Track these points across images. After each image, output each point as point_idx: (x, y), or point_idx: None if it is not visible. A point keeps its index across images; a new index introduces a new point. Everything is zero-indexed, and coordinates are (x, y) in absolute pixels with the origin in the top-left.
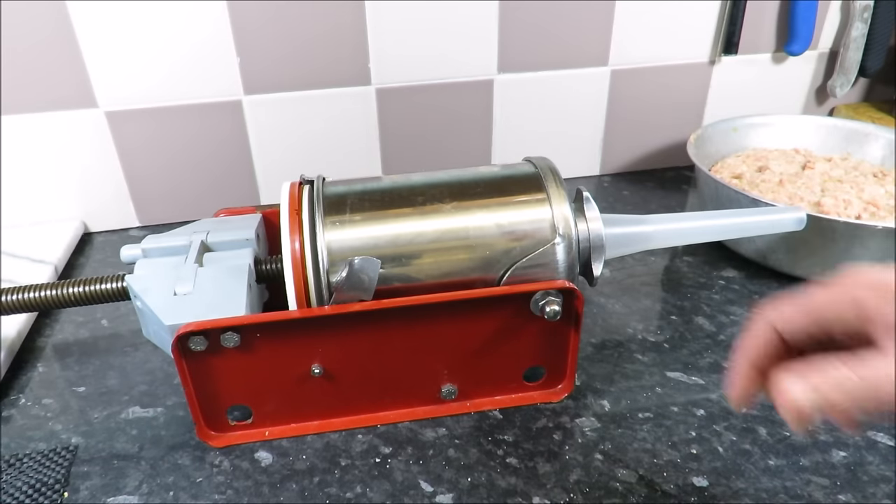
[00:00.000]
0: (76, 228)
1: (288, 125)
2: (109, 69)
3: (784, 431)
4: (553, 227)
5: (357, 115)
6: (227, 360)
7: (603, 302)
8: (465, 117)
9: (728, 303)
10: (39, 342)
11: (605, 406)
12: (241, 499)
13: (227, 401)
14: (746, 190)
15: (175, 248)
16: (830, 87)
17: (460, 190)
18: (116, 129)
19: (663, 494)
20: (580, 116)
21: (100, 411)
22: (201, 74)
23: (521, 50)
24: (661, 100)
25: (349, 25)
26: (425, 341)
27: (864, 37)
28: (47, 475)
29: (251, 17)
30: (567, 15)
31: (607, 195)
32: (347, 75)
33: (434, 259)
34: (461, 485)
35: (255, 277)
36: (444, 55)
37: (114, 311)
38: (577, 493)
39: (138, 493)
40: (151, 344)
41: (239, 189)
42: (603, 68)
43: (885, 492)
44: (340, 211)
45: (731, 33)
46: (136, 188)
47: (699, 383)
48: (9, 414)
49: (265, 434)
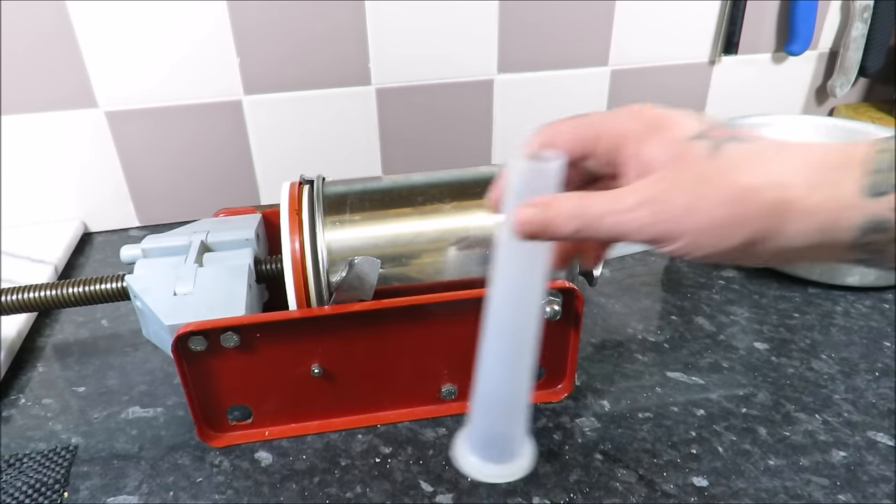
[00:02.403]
0: (76, 228)
1: (288, 125)
2: (109, 69)
3: (784, 432)
4: None
5: (357, 115)
6: (226, 361)
7: (603, 302)
8: (465, 117)
9: (728, 303)
10: (39, 342)
11: (605, 406)
12: (241, 499)
13: (226, 401)
14: None
15: (175, 248)
16: (830, 87)
17: (460, 190)
18: (116, 129)
19: (663, 494)
20: None
21: (100, 411)
22: (201, 74)
23: (521, 50)
24: (661, 100)
25: (349, 25)
26: (425, 341)
27: (864, 37)
28: (47, 475)
29: (251, 17)
30: (567, 15)
31: None
32: (347, 75)
33: (434, 259)
34: (461, 485)
35: (255, 277)
36: (444, 55)
37: (114, 311)
38: (577, 493)
39: (138, 493)
40: (151, 344)
41: (239, 189)
42: (603, 68)
43: (885, 492)
44: (340, 211)
45: (731, 33)
46: (136, 188)
47: (699, 383)
48: (9, 414)
49: (265, 434)
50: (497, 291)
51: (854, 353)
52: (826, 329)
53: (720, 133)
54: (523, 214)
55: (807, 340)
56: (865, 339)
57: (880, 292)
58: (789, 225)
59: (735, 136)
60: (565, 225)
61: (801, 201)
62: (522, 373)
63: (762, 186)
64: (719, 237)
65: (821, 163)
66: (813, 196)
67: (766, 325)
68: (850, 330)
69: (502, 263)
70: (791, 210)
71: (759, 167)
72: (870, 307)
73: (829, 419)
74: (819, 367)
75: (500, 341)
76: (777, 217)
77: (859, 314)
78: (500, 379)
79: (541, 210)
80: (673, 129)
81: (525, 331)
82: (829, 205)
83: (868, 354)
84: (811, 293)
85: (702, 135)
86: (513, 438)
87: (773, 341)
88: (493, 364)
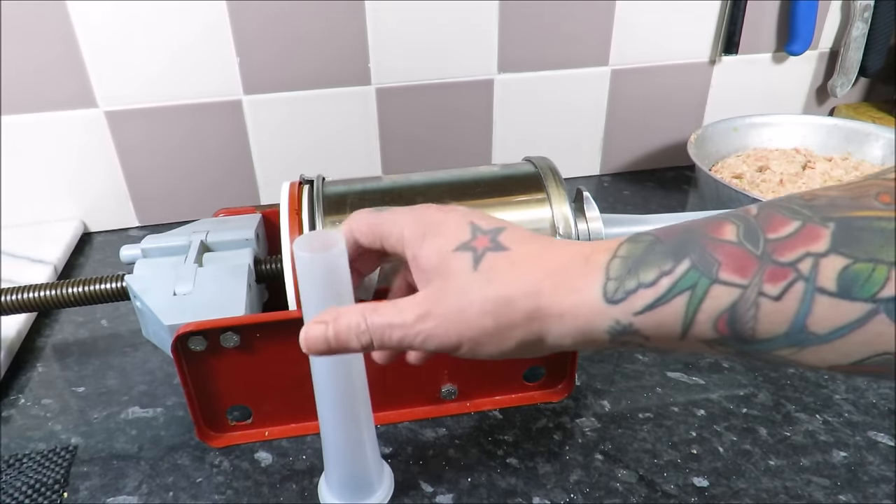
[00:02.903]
0: (76, 228)
1: (288, 125)
2: (109, 69)
3: (784, 432)
4: (553, 227)
5: (357, 115)
6: (226, 361)
7: None
8: (465, 117)
9: None
10: (39, 342)
11: (605, 406)
12: (241, 499)
13: (226, 401)
14: (747, 190)
15: (175, 248)
16: (831, 87)
17: (460, 190)
18: (116, 128)
19: (663, 495)
20: (580, 116)
21: (99, 411)
22: (201, 74)
23: (521, 50)
24: (661, 100)
25: (349, 25)
26: None
27: (865, 36)
28: (47, 475)
29: (251, 17)
30: (567, 15)
31: (607, 195)
32: (347, 75)
33: None
34: (461, 485)
35: (255, 277)
36: (444, 55)
37: (113, 311)
38: (577, 493)
39: (138, 494)
40: (151, 344)
41: (239, 189)
42: (603, 68)
43: (885, 492)
44: (340, 211)
45: (732, 33)
46: (136, 188)
47: (699, 383)
48: (8, 414)
49: (265, 434)
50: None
51: None
52: None
53: (481, 243)
54: (312, 331)
55: None
56: None
57: None
58: (552, 329)
59: (495, 245)
60: (354, 340)
61: (554, 307)
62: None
63: (516, 296)
64: (496, 342)
65: (567, 270)
66: (563, 302)
67: None
68: None
69: None
70: (547, 316)
71: (513, 277)
72: None
73: (829, 419)
74: None
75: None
76: (537, 323)
77: None
78: (337, 433)
79: (328, 326)
80: (442, 237)
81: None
82: (579, 311)
83: None
84: None
85: (465, 246)
86: (364, 477)
87: None
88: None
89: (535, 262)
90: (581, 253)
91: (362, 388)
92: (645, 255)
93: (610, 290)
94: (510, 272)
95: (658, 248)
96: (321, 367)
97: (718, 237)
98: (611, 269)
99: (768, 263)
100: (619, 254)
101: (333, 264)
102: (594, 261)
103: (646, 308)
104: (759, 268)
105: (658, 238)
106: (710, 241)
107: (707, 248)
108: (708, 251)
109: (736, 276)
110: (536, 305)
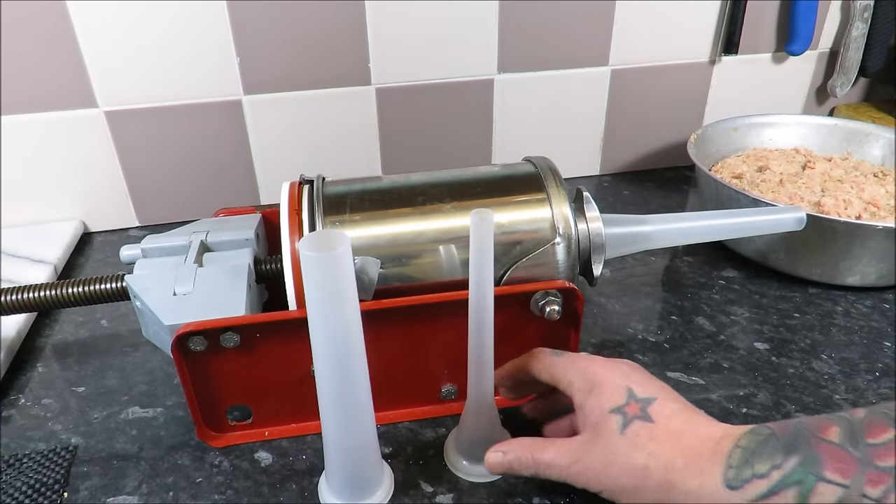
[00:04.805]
0: (76, 228)
1: (288, 125)
2: (109, 69)
3: None
4: (553, 227)
5: (357, 114)
6: (226, 361)
7: (603, 302)
8: (465, 117)
9: (728, 303)
10: (39, 342)
11: None
12: (241, 499)
13: (226, 401)
14: (747, 190)
15: (175, 248)
16: (831, 87)
17: (460, 190)
18: (116, 128)
19: None
20: (580, 116)
21: (99, 411)
22: (201, 74)
23: (521, 50)
24: (661, 100)
25: (349, 25)
26: (425, 341)
27: (865, 36)
28: (47, 475)
29: (251, 17)
30: (567, 15)
31: (607, 195)
32: (347, 75)
33: (434, 259)
34: (461, 485)
35: (255, 277)
36: (444, 55)
37: (113, 311)
38: (577, 493)
39: (138, 494)
40: (151, 344)
41: (239, 189)
42: (603, 68)
43: None
44: (340, 211)
45: (732, 33)
46: (136, 188)
47: (699, 383)
48: (8, 414)
49: (265, 434)
50: (319, 362)
51: (854, 353)
52: (826, 329)
53: (632, 409)
54: (491, 458)
55: (807, 340)
56: (866, 340)
57: (880, 292)
58: (677, 500)
59: (643, 415)
60: (523, 469)
61: (681, 485)
62: (357, 424)
63: (652, 468)
64: (630, 496)
65: (699, 452)
66: (689, 482)
67: (766, 325)
68: (850, 330)
69: (318, 340)
70: (674, 490)
71: (651, 449)
72: (870, 307)
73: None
74: (819, 367)
75: (331, 403)
76: (665, 493)
77: (860, 314)
78: (339, 433)
79: (502, 455)
80: (602, 395)
81: (352, 388)
82: (702, 491)
83: (868, 354)
84: (811, 293)
85: (618, 409)
86: (364, 477)
87: (774, 341)
88: (330, 421)
89: (673, 440)
90: (713, 437)
91: (364, 388)
92: (761, 447)
93: (730, 476)
94: (650, 443)
95: (772, 443)
96: (323, 367)
97: (824, 437)
98: (732, 458)
99: (869, 467)
100: (740, 444)
101: (338, 264)
102: (721, 447)
103: (759, 497)
104: (859, 470)
105: (774, 433)
106: (816, 440)
107: (813, 446)
108: (814, 449)
109: (838, 475)
110: (668, 479)
